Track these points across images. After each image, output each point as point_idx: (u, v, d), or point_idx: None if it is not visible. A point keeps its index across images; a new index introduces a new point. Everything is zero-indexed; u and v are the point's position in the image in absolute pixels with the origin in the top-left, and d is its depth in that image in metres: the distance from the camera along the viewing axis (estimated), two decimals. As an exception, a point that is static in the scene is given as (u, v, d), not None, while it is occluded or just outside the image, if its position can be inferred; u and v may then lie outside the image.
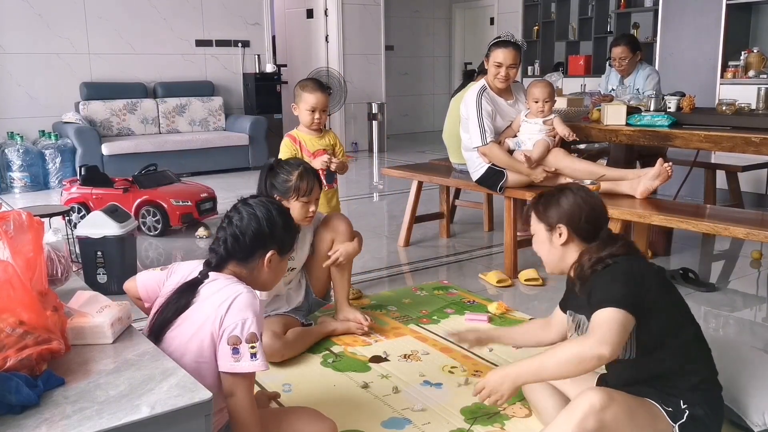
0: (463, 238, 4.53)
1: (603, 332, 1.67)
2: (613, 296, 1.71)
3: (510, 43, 3.55)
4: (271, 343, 2.54)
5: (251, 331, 1.60)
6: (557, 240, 1.91)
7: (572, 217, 1.89)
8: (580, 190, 1.95)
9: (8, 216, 1.62)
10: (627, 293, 1.72)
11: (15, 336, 1.32)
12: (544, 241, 1.96)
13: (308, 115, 3.17)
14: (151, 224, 4.61)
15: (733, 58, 5.79)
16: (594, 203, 1.93)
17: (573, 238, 1.90)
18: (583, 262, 1.84)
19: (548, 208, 1.94)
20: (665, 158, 3.40)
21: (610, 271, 1.77)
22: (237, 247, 1.75)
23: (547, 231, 1.94)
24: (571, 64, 8.88)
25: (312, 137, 3.23)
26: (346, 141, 9.00)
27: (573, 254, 1.90)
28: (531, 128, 3.55)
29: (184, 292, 1.71)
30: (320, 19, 8.89)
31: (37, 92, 6.81)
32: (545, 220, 1.94)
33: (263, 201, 1.82)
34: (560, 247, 1.91)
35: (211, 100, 7.56)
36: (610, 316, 1.69)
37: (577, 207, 1.90)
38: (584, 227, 1.89)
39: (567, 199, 1.92)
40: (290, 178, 2.60)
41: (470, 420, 2.18)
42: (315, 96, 3.15)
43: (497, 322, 3.01)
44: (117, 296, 1.91)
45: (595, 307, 1.73)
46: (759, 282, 3.70)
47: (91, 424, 1.22)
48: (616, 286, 1.73)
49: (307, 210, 2.64)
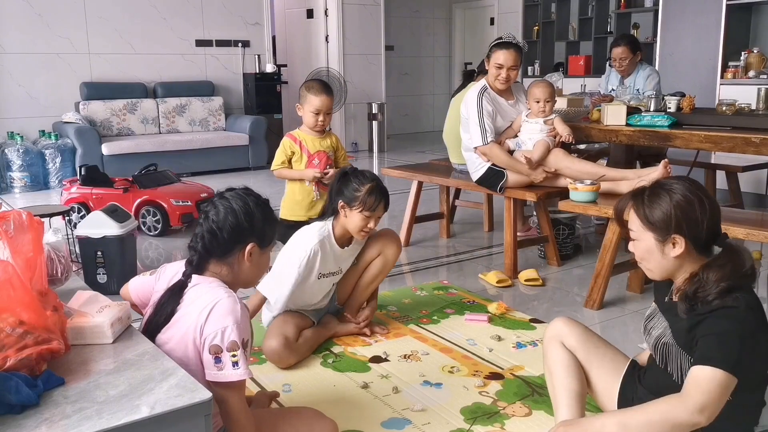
0: (463, 238, 4.53)
1: (704, 398, 1.49)
2: (725, 357, 1.50)
3: (511, 44, 3.55)
4: (280, 350, 2.53)
5: (231, 339, 1.56)
6: (671, 251, 1.63)
7: (692, 226, 1.59)
8: (684, 183, 1.64)
9: (8, 216, 1.62)
10: (740, 357, 1.51)
11: (15, 336, 1.32)
12: (653, 252, 1.66)
13: (312, 117, 3.19)
14: (151, 224, 4.61)
15: (733, 59, 5.80)
16: (705, 201, 1.61)
17: (690, 249, 1.62)
18: (705, 282, 1.57)
19: (658, 212, 1.62)
20: (666, 158, 3.40)
21: (728, 321, 1.53)
22: (215, 242, 1.70)
23: (657, 241, 1.64)
24: (571, 64, 8.88)
25: (313, 138, 3.25)
26: (346, 141, 8.99)
27: (689, 266, 1.64)
28: (531, 128, 3.55)
29: (170, 298, 1.69)
30: (320, 19, 8.89)
31: (37, 92, 6.81)
32: (654, 227, 1.63)
33: (240, 193, 1.75)
34: (674, 259, 1.63)
35: (211, 100, 7.56)
36: (715, 378, 1.49)
37: (690, 209, 1.59)
38: (701, 235, 1.61)
39: (676, 199, 1.60)
40: (361, 188, 2.58)
41: (470, 420, 2.18)
42: (320, 99, 3.16)
43: (497, 322, 3.01)
44: (117, 296, 1.92)
45: (701, 361, 1.53)
46: (759, 282, 3.70)
47: (90, 424, 1.22)
48: (731, 344, 1.51)
49: (366, 224, 2.60)
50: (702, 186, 1.67)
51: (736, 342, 1.52)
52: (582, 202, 3.18)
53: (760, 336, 1.56)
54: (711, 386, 1.50)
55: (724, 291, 1.55)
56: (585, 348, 1.89)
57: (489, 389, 2.37)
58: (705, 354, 1.53)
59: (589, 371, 1.89)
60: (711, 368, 1.51)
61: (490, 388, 2.38)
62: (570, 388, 1.84)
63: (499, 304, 3.15)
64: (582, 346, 1.89)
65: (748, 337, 1.53)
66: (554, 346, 1.92)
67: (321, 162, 3.27)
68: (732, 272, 1.57)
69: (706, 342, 1.54)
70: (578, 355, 1.89)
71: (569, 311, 3.17)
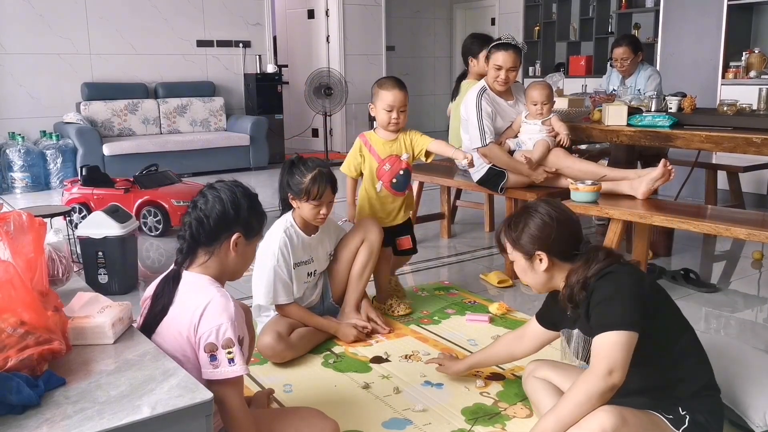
0: (464, 239, 4.53)
1: (609, 360, 1.65)
2: (612, 319, 1.67)
3: (510, 45, 3.54)
4: (274, 344, 2.55)
5: (227, 336, 1.58)
6: (539, 266, 1.85)
7: (546, 240, 1.82)
8: (543, 206, 1.87)
9: (8, 217, 1.62)
10: (624, 312, 1.68)
11: (16, 336, 1.32)
12: (526, 270, 1.89)
13: (385, 115, 2.97)
14: (152, 224, 4.61)
15: (734, 59, 5.79)
16: (561, 218, 1.85)
17: (554, 261, 1.84)
18: (572, 285, 1.79)
19: (520, 235, 1.86)
20: (666, 159, 3.39)
21: (602, 292, 1.72)
22: (201, 230, 1.73)
23: (526, 260, 1.87)
24: (572, 64, 8.88)
25: (384, 141, 3.03)
26: (346, 142, 9.00)
27: (560, 276, 1.85)
28: (531, 129, 3.55)
29: (164, 288, 1.71)
30: (321, 19, 8.89)
31: (38, 92, 6.82)
32: (521, 248, 1.86)
33: (229, 184, 1.80)
34: (544, 273, 1.85)
35: (212, 101, 7.56)
36: (612, 339, 1.66)
37: (547, 228, 1.82)
38: (561, 248, 1.83)
39: (535, 222, 1.84)
40: (303, 180, 2.60)
41: (471, 420, 2.17)
42: (393, 93, 2.95)
43: (498, 322, 3.01)
44: (118, 296, 1.92)
45: (596, 332, 1.69)
46: (760, 283, 3.70)
47: (92, 424, 1.22)
48: (613, 307, 1.69)
49: (318, 212, 2.64)
50: (560, 205, 1.91)
51: (618, 301, 1.69)
52: (583, 202, 3.17)
53: (638, 284, 1.73)
54: (609, 349, 1.66)
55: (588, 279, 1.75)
56: (557, 373, 2.08)
57: (490, 390, 2.37)
58: (596, 323, 1.71)
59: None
60: (604, 333, 1.67)
61: (491, 389, 2.38)
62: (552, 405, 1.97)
63: (500, 304, 3.15)
64: (554, 372, 2.09)
65: (626, 293, 1.69)
66: (530, 380, 2.14)
67: (392, 167, 3.03)
68: (590, 268, 1.77)
69: (594, 313, 1.72)
70: (553, 381, 2.07)
71: (570, 311, 3.17)
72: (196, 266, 1.74)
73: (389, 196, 3.08)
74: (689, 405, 1.73)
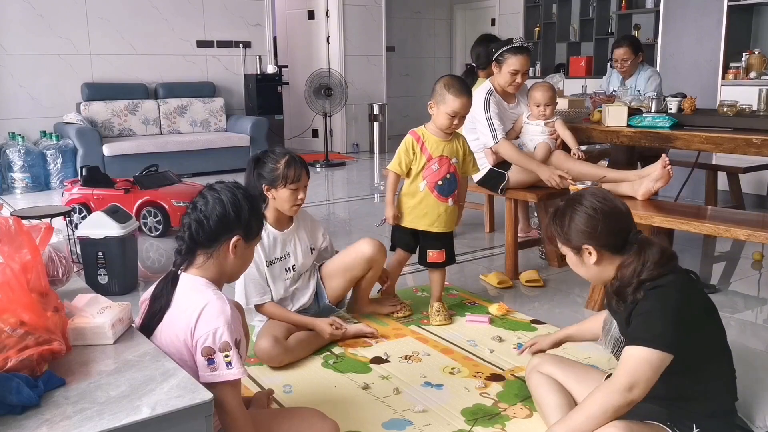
0: (464, 240, 4.52)
1: (633, 376, 1.60)
2: (649, 335, 1.61)
3: (525, 48, 3.53)
4: (270, 348, 2.54)
5: (224, 339, 1.57)
6: (589, 260, 1.79)
7: (593, 234, 1.75)
8: (588, 198, 1.80)
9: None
10: (664, 332, 1.61)
11: (16, 336, 1.32)
12: (577, 264, 1.84)
13: (447, 119, 2.84)
14: (152, 225, 4.61)
15: (735, 60, 5.79)
16: (607, 210, 1.77)
17: (604, 254, 1.77)
18: (623, 280, 1.72)
19: (566, 230, 1.79)
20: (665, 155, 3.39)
21: (648, 304, 1.65)
22: (201, 232, 1.71)
23: (575, 254, 1.81)
24: (572, 65, 8.87)
25: (439, 140, 2.92)
26: (346, 142, 9.00)
27: (611, 268, 1.78)
28: (533, 130, 3.55)
29: (163, 288, 1.71)
30: (321, 19, 8.89)
31: (38, 93, 6.82)
32: (568, 243, 1.81)
33: (229, 186, 1.78)
34: (594, 266, 1.79)
35: (212, 101, 7.57)
36: (642, 355, 1.60)
37: (593, 221, 1.75)
38: (609, 240, 1.76)
39: (580, 215, 1.77)
40: (277, 166, 2.59)
41: (471, 421, 2.17)
42: (460, 101, 2.81)
43: (498, 323, 3.01)
44: (118, 297, 1.92)
45: (631, 341, 1.64)
46: (760, 283, 3.70)
47: (91, 424, 1.22)
48: (653, 323, 1.62)
49: (296, 197, 2.63)
50: (606, 195, 1.82)
51: (661, 319, 1.62)
52: (583, 203, 3.16)
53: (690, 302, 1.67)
54: (636, 364, 1.61)
55: (643, 282, 1.68)
56: (561, 369, 2.06)
57: (490, 390, 2.37)
58: (633, 335, 1.65)
59: (571, 389, 2.02)
60: (637, 347, 1.62)
61: (491, 390, 2.38)
62: (554, 403, 1.99)
63: (500, 305, 3.15)
64: (558, 368, 2.07)
65: (673, 311, 1.63)
66: (534, 375, 2.12)
67: (441, 169, 2.91)
68: (644, 265, 1.70)
69: (634, 324, 1.67)
70: (557, 377, 2.05)
71: (570, 312, 3.17)
72: (194, 268, 1.73)
73: (430, 197, 2.93)
74: (704, 424, 1.68)
